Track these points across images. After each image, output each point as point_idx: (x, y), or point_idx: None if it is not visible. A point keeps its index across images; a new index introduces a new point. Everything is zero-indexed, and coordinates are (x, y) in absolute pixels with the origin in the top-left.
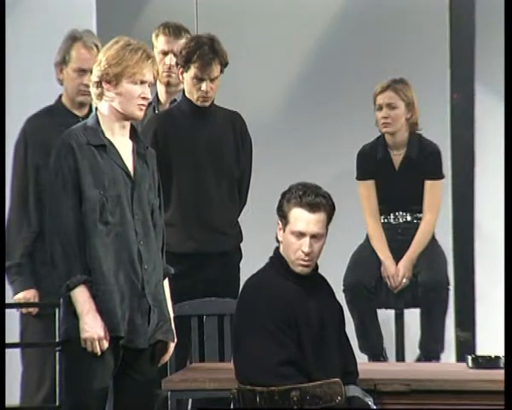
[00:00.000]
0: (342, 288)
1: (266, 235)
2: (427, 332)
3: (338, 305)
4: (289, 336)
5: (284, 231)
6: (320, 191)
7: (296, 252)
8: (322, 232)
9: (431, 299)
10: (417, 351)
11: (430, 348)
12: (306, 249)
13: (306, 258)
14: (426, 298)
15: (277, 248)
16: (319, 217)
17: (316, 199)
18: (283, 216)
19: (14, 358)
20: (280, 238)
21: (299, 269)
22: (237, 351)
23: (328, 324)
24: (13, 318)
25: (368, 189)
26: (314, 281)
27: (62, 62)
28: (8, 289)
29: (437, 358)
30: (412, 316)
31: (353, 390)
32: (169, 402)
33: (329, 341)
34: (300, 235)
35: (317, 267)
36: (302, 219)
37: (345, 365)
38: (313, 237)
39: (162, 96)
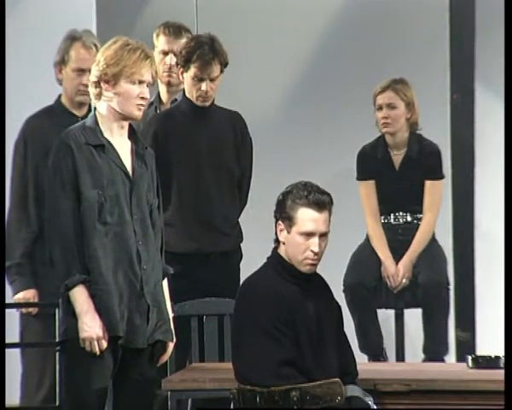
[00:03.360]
0: (342, 288)
1: (266, 235)
2: (430, 334)
3: (336, 305)
4: (287, 336)
5: (289, 232)
6: (321, 189)
7: (304, 252)
8: (328, 230)
9: (431, 299)
10: (421, 355)
11: (434, 351)
12: (316, 249)
13: (315, 257)
14: (426, 299)
15: (275, 249)
16: (325, 215)
17: (322, 198)
18: (288, 217)
19: (14, 358)
20: (282, 239)
21: (306, 269)
22: (236, 352)
23: (326, 323)
24: (13, 318)
25: (368, 189)
26: (312, 281)
27: (61, 62)
28: (8, 289)
29: (441, 360)
30: (412, 316)
31: (353, 390)
32: (169, 402)
33: (328, 340)
34: (309, 235)
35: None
36: (311, 218)
37: (344, 365)
38: (321, 235)
39: (164, 96)
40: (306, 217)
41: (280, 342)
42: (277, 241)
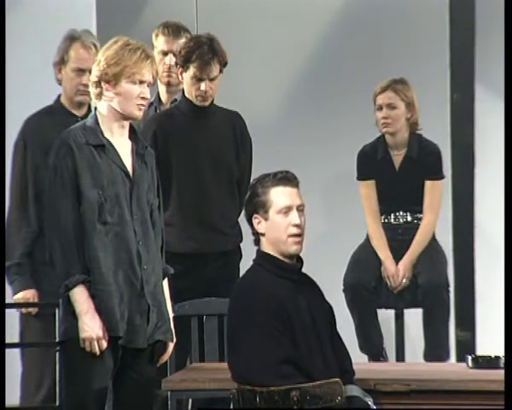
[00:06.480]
0: (342, 288)
1: None
2: (431, 339)
3: (328, 305)
4: (284, 334)
5: (267, 218)
6: (286, 170)
7: (287, 229)
8: (304, 204)
9: (431, 302)
10: (421, 355)
11: (435, 356)
12: (297, 220)
13: (299, 231)
14: (426, 301)
15: (259, 249)
16: (296, 190)
17: (287, 175)
18: (262, 204)
19: (14, 358)
20: (262, 231)
21: (293, 248)
22: (234, 352)
23: (319, 321)
24: (13, 318)
25: (368, 189)
26: (302, 277)
27: (61, 62)
28: (8, 289)
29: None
30: (412, 316)
31: (353, 390)
32: (169, 402)
33: (323, 338)
34: (288, 210)
35: (302, 262)
36: (284, 193)
37: (340, 364)
38: (298, 209)
39: (163, 96)
40: (280, 194)
41: (278, 341)
42: (257, 241)
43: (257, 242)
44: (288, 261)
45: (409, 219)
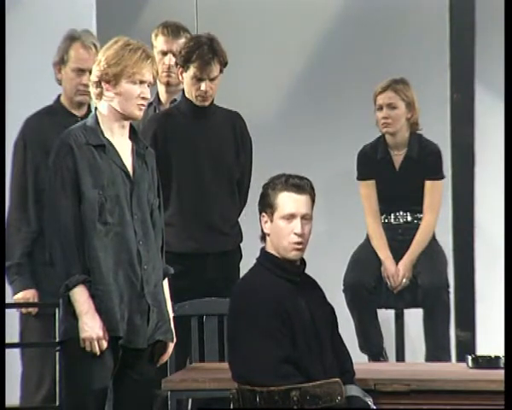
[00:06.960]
0: (342, 288)
1: None
2: (432, 342)
3: (329, 307)
4: (284, 333)
5: (272, 220)
6: (301, 176)
7: (288, 236)
8: (310, 214)
9: (432, 303)
10: (421, 355)
11: (435, 355)
12: (299, 230)
13: (299, 240)
14: (426, 302)
15: (263, 248)
16: (306, 198)
17: (300, 182)
18: (269, 205)
19: (14, 358)
20: (267, 231)
21: (292, 254)
22: (234, 352)
23: (320, 322)
24: (13, 318)
25: (368, 189)
26: (304, 278)
27: (61, 62)
28: (8, 289)
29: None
30: (412, 316)
31: (353, 390)
32: (169, 402)
33: (323, 338)
34: (291, 217)
35: (304, 265)
36: (291, 200)
37: (341, 364)
38: (303, 218)
39: (163, 96)
40: (286, 200)
41: (278, 341)
42: (264, 238)
43: (263, 239)
44: (290, 263)
45: (409, 219)
